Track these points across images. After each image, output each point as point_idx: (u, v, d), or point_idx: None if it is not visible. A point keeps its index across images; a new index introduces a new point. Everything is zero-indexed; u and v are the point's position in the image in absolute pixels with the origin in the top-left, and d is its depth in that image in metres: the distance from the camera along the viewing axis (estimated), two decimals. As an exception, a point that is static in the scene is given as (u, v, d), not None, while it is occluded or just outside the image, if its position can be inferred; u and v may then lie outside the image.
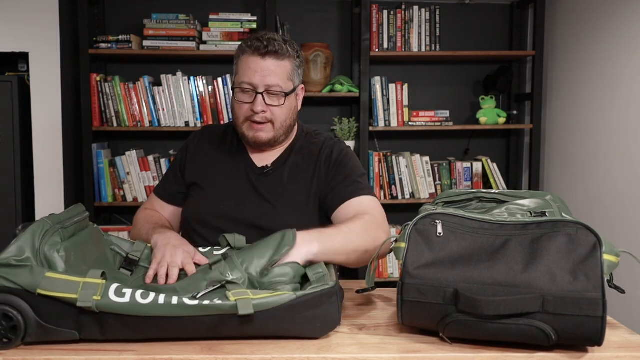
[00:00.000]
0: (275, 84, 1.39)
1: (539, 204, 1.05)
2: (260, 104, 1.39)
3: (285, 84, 1.41)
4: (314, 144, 1.52)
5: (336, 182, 1.44)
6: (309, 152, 1.51)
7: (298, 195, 1.45)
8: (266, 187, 1.46)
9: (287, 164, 1.49)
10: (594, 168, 2.74)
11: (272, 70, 1.38)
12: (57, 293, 0.90)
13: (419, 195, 3.12)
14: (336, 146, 1.51)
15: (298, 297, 0.95)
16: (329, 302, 0.98)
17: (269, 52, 1.38)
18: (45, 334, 0.93)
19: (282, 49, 1.39)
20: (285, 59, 1.40)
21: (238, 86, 1.41)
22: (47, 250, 0.96)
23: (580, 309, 0.89)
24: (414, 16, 3.08)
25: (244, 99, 1.41)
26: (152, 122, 2.95)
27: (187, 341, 0.96)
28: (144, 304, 0.91)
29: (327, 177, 1.46)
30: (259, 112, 1.39)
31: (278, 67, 1.39)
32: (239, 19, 2.95)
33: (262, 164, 1.49)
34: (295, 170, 1.48)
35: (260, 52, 1.38)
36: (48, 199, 2.78)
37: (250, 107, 1.40)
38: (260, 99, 1.39)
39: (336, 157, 1.48)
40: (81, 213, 1.10)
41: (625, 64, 2.52)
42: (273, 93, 1.40)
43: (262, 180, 1.47)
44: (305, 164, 1.49)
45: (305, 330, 0.98)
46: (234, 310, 0.92)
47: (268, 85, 1.38)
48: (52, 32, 2.72)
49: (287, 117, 1.44)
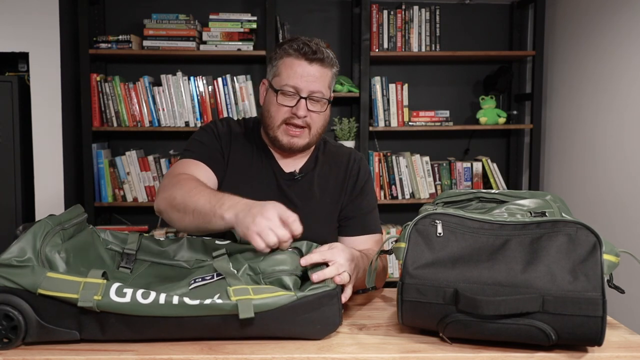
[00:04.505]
0: (319, 90, 1.38)
1: (539, 204, 1.05)
2: (303, 109, 1.38)
3: (326, 91, 1.41)
4: (339, 154, 1.53)
5: (361, 206, 1.48)
6: (335, 163, 1.51)
7: (326, 205, 1.46)
8: (295, 193, 1.45)
9: (315, 171, 1.49)
10: (594, 168, 2.74)
11: (317, 77, 1.37)
12: (58, 293, 0.90)
13: (419, 195, 3.12)
14: (363, 164, 1.54)
15: (299, 298, 0.95)
16: (330, 304, 0.98)
17: (316, 59, 1.37)
18: (46, 334, 0.93)
19: (329, 57, 1.39)
20: (328, 67, 1.40)
21: (280, 88, 1.38)
22: (49, 251, 0.96)
23: (580, 309, 0.89)
24: (414, 16, 3.08)
25: (285, 101, 1.39)
26: (152, 122, 2.96)
27: (187, 341, 0.96)
28: (145, 304, 0.91)
29: (351, 194, 1.49)
30: (301, 117, 1.38)
31: (322, 74, 1.38)
32: (239, 19, 2.95)
33: (289, 169, 1.48)
34: (323, 179, 1.48)
35: (308, 57, 1.36)
36: (48, 199, 2.77)
37: (292, 110, 1.38)
38: (303, 103, 1.38)
39: (363, 178, 1.51)
40: (80, 214, 1.10)
41: (625, 64, 2.52)
42: (315, 99, 1.39)
43: (291, 185, 1.46)
44: (333, 175, 1.50)
45: (306, 332, 0.98)
46: (234, 310, 0.92)
47: (312, 91, 1.37)
48: (52, 32, 2.72)
49: (323, 124, 1.44)
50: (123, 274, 1.11)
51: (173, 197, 1.22)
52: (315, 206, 1.44)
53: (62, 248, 0.98)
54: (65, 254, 0.98)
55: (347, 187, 1.49)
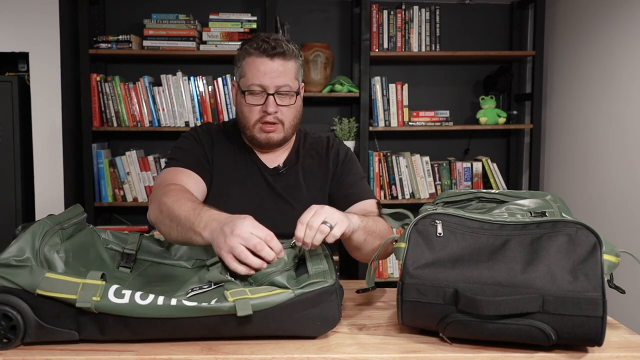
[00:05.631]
0: (285, 84, 1.40)
1: (539, 204, 1.05)
2: (273, 105, 1.39)
3: (293, 83, 1.42)
4: (319, 143, 1.56)
5: (346, 181, 1.49)
6: (316, 152, 1.54)
7: (314, 195, 1.48)
8: (282, 187, 1.47)
9: (298, 164, 1.51)
10: (594, 168, 2.74)
11: (282, 71, 1.39)
12: (57, 293, 0.90)
13: (419, 195, 3.12)
14: (341, 146, 1.57)
15: (297, 295, 0.95)
16: (329, 300, 0.97)
17: (277, 53, 1.38)
18: (45, 334, 0.92)
19: (289, 50, 1.40)
20: (291, 59, 1.41)
21: (247, 89, 1.40)
22: (47, 251, 0.96)
23: (580, 309, 0.89)
24: (414, 16, 3.08)
25: (254, 101, 1.41)
26: (152, 122, 2.96)
27: (187, 341, 0.96)
28: (143, 305, 0.91)
29: (335, 174, 1.51)
30: (271, 113, 1.40)
31: (286, 67, 1.40)
32: (239, 19, 2.95)
33: (273, 164, 1.50)
34: (308, 170, 1.51)
35: (269, 53, 1.38)
36: (48, 199, 2.77)
37: (262, 108, 1.40)
38: (272, 100, 1.39)
39: (343, 157, 1.55)
40: (80, 214, 1.10)
41: (625, 64, 2.52)
42: (283, 93, 1.41)
43: (277, 180, 1.48)
44: (316, 164, 1.53)
45: (305, 329, 0.97)
46: (232, 311, 0.92)
47: (278, 86, 1.39)
48: (52, 32, 2.72)
49: (295, 116, 1.46)
50: (123, 274, 1.11)
51: (161, 209, 1.23)
52: (303, 197, 1.46)
53: (61, 248, 0.98)
54: (64, 254, 0.98)
55: (329, 170, 1.52)
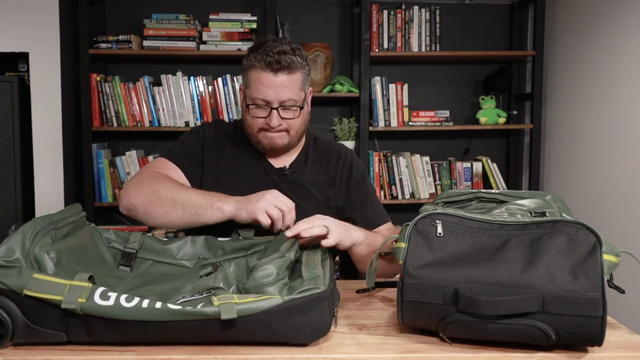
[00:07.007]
0: (289, 98, 1.38)
1: (539, 204, 1.05)
2: (276, 119, 1.39)
3: (298, 96, 1.40)
4: (329, 150, 1.55)
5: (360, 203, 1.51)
6: (325, 159, 1.53)
7: (319, 199, 1.47)
8: (288, 187, 1.46)
9: (305, 167, 1.50)
10: (594, 168, 2.74)
11: (285, 86, 1.37)
12: (43, 294, 0.89)
13: (419, 195, 3.12)
14: (354, 160, 1.56)
15: (285, 301, 0.92)
16: (319, 307, 0.94)
17: (281, 68, 1.35)
18: (33, 335, 0.92)
19: (294, 62, 1.36)
20: (296, 71, 1.38)
21: (251, 102, 1.39)
22: (37, 251, 0.95)
23: (580, 309, 0.89)
24: (414, 16, 3.08)
25: (258, 113, 1.40)
26: (152, 122, 2.96)
27: (178, 345, 0.95)
28: (128, 308, 0.89)
29: (347, 190, 1.51)
30: (275, 127, 1.40)
31: (290, 81, 1.37)
32: (239, 19, 2.95)
33: (279, 165, 1.50)
34: (314, 174, 1.50)
35: (273, 67, 1.35)
36: (48, 199, 2.77)
37: (266, 120, 1.40)
38: (275, 114, 1.39)
39: (356, 174, 1.53)
40: (77, 213, 1.09)
41: (625, 64, 2.52)
42: (287, 107, 1.39)
43: (283, 180, 1.48)
44: (324, 170, 1.51)
45: (294, 336, 0.94)
46: (217, 315, 0.89)
47: (282, 100, 1.38)
48: (52, 32, 2.72)
49: (302, 124, 1.46)
50: (122, 273, 1.11)
51: (157, 193, 1.28)
52: (306, 200, 1.45)
53: (52, 248, 0.97)
54: (56, 254, 0.97)
55: (339, 182, 1.50)
